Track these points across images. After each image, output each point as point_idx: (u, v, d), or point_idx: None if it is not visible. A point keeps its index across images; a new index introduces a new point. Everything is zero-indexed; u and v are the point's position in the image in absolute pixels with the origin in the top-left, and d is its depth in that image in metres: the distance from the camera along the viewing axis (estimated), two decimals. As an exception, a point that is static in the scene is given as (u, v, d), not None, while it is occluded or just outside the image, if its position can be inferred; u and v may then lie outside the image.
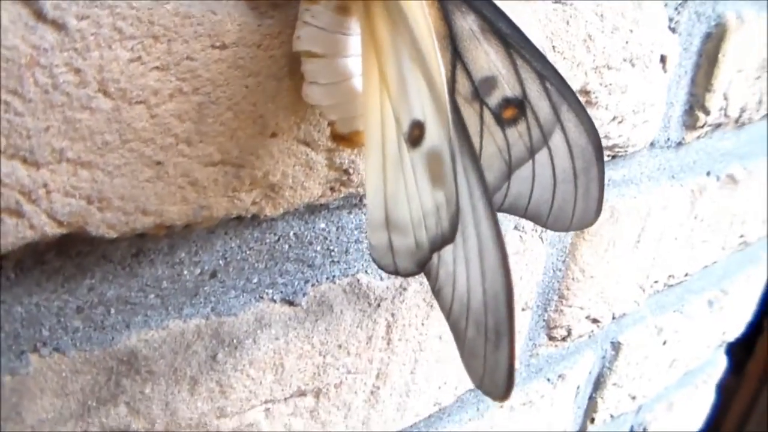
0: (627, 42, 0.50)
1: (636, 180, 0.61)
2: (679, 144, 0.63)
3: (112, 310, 0.33)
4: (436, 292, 0.32)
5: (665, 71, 0.55)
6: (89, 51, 0.26)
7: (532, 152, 0.36)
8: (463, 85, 0.33)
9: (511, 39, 0.32)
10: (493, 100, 0.34)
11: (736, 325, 0.92)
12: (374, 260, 0.32)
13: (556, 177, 0.36)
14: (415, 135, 0.28)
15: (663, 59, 0.54)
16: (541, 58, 0.33)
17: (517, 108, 0.34)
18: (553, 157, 0.36)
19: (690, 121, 0.62)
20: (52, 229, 0.28)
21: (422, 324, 0.47)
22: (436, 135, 0.27)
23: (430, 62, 0.27)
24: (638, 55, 0.51)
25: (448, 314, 0.31)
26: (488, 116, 0.35)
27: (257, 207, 0.35)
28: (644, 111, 0.55)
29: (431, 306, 0.47)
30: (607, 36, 0.48)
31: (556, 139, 0.35)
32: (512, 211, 0.37)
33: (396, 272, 0.32)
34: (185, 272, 0.35)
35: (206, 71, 0.29)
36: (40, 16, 0.25)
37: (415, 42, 0.27)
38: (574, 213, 0.37)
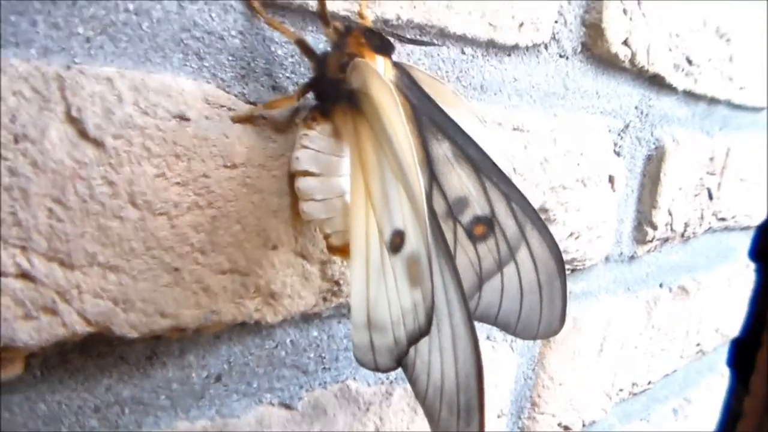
0: (578, 164, 0.55)
1: (594, 292, 0.65)
2: (632, 258, 0.68)
3: (127, 410, 0.35)
4: (413, 381, 0.34)
5: (614, 190, 0.61)
6: (122, 166, 0.30)
7: (500, 265, 0.39)
8: (438, 204, 0.37)
9: (480, 164, 0.36)
10: (465, 218, 0.38)
11: (700, 434, 0.94)
12: (356, 358, 0.34)
13: (522, 288, 0.39)
14: (396, 242, 0.31)
15: (611, 179, 0.60)
16: (507, 180, 0.37)
17: (486, 226, 0.38)
18: (519, 271, 0.39)
19: (640, 236, 0.67)
20: (81, 328, 0.30)
21: (407, 428, 0.49)
22: (414, 241, 0.31)
23: (411, 176, 0.30)
24: (589, 175, 0.56)
25: (423, 399, 0.34)
26: (461, 232, 0.38)
27: (260, 314, 0.37)
28: (598, 227, 0.60)
29: (415, 411, 0.49)
30: (560, 158, 0.53)
31: (522, 254, 0.38)
32: (483, 319, 0.40)
33: (376, 368, 0.34)
34: (193, 375, 0.37)
35: (219, 187, 0.33)
36: (83, 134, 0.28)
37: (397, 160, 0.31)
38: (540, 322, 0.40)
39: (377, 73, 0.32)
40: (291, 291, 0.38)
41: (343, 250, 0.36)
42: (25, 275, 0.28)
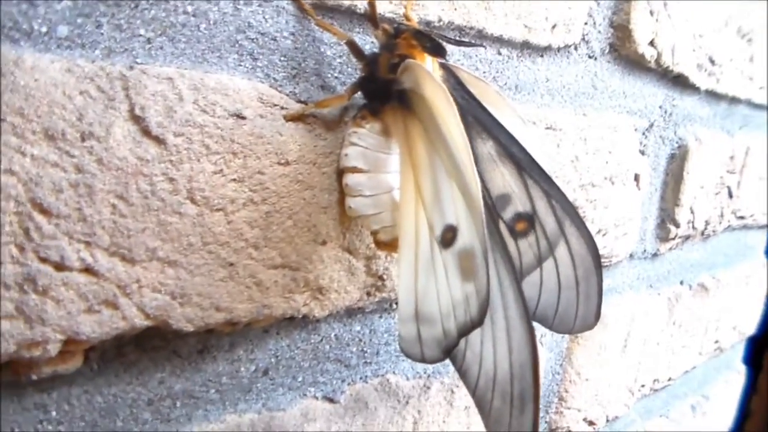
0: (607, 162, 0.55)
1: (619, 289, 0.65)
2: (655, 255, 0.68)
3: (178, 404, 0.35)
4: (463, 373, 0.34)
5: (639, 189, 0.61)
6: (182, 163, 0.30)
7: (540, 261, 0.39)
8: None
9: (522, 162, 0.37)
10: (508, 214, 0.38)
11: (720, 429, 0.94)
12: (402, 350, 0.34)
13: (560, 283, 0.40)
14: (448, 237, 0.32)
15: (637, 177, 0.60)
16: (548, 178, 0.37)
17: (527, 222, 0.38)
18: (558, 266, 0.39)
19: (663, 234, 0.67)
20: (140, 321, 0.31)
21: (443, 422, 0.49)
22: (468, 236, 0.31)
23: (467, 174, 0.30)
24: (616, 173, 0.56)
25: (473, 390, 0.34)
26: (503, 228, 0.38)
27: (308, 308, 0.37)
28: (624, 225, 0.60)
29: (451, 404, 0.49)
30: (590, 157, 0.53)
31: (561, 250, 0.38)
32: None
33: (422, 360, 0.34)
34: (242, 369, 0.37)
35: (273, 184, 0.33)
36: (146, 132, 0.29)
37: (452, 158, 0.31)
38: (577, 316, 0.40)
39: (431, 75, 0.32)
40: (338, 286, 0.38)
41: (392, 245, 0.36)
42: (88, 270, 0.29)
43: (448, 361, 0.47)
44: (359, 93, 0.36)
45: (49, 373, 0.30)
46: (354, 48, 0.34)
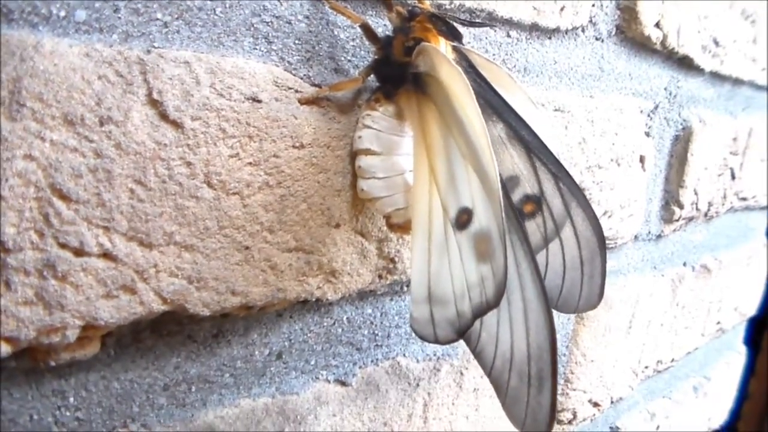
0: (613, 144, 0.55)
1: (624, 270, 0.65)
2: (659, 237, 0.68)
3: (193, 388, 0.35)
4: (478, 353, 0.34)
5: (644, 170, 0.61)
6: (199, 147, 0.30)
7: (546, 242, 0.39)
8: None
9: (531, 145, 0.37)
10: (516, 196, 0.38)
11: (720, 412, 0.95)
12: (415, 331, 0.34)
13: (565, 264, 0.40)
14: (463, 220, 0.32)
15: (642, 159, 0.60)
16: (556, 161, 0.37)
17: (535, 204, 0.38)
18: (563, 247, 0.39)
19: (667, 215, 0.67)
20: (157, 306, 0.31)
21: (452, 404, 0.49)
22: (484, 218, 0.31)
23: (485, 156, 0.30)
24: (622, 155, 0.56)
25: (489, 370, 0.34)
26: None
27: (321, 291, 0.37)
28: (629, 206, 0.60)
29: (460, 387, 0.49)
30: (597, 139, 0.53)
31: (567, 232, 0.39)
32: None
33: (436, 341, 0.34)
34: (256, 353, 0.37)
35: (288, 167, 0.33)
36: (164, 116, 0.29)
37: (468, 141, 0.31)
38: (581, 296, 0.40)
39: (446, 58, 0.32)
40: (350, 269, 0.39)
41: (404, 228, 0.36)
42: (107, 255, 0.29)
43: (456, 344, 0.47)
44: (373, 76, 0.35)
45: (67, 359, 0.30)
46: (368, 31, 0.34)
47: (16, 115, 0.25)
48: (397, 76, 0.34)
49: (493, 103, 0.36)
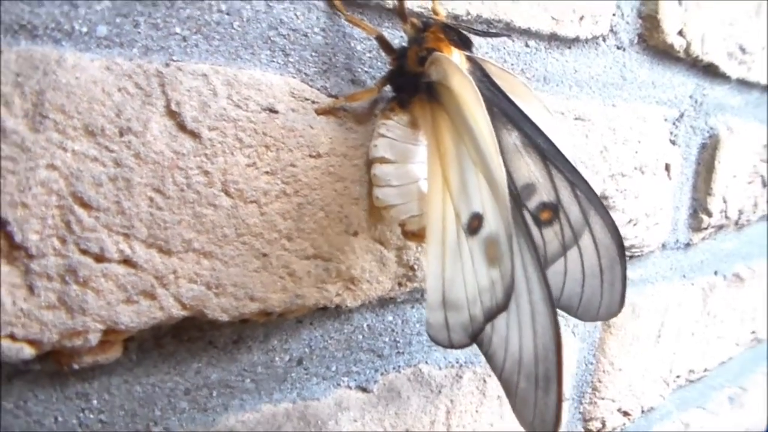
0: (636, 152, 0.55)
1: (652, 279, 0.64)
2: (688, 245, 0.67)
3: (215, 393, 0.36)
4: (489, 356, 0.35)
5: (670, 178, 0.60)
6: (216, 156, 0.31)
7: (564, 249, 0.39)
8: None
9: (547, 152, 0.37)
10: (532, 203, 0.38)
11: (758, 422, 0.93)
12: (430, 336, 0.35)
13: (585, 272, 0.40)
14: (474, 225, 0.32)
15: (667, 167, 0.60)
16: (573, 168, 0.37)
17: (552, 211, 0.38)
18: (582, 255, 0.39)
19: (695, 224, 0.66)
20: (177, 311, 0.31)
21: (476, 411, 0.49)
22: (494, 223, 0.31)
23: (492, 163, 0.31)
24: (646, 163, 0.56)
25: (500, 372, 0.34)
26: (528, 218, 0.39)
27: (340, 298, 0.38)
28: (655, 214, 0.60)
29: (483, 394, 0.49)
30: (619, 147, 0.53)
31: (585, 239, 0.39)
32: None
33: (450, 345, 0.34)
34: (277, 359, 0.38)
35: (305, 176, 0.34)
36: (182, 127, 0.29)
37: (478, 148, 0.31)
38: (601, 304, 0.40)
39: (458, 67, 0.32)
40: (369, 276, 0.39)
41: (419, 235, 0.37)
42: (127, 261, 0.29)
43: (479, 351, 0.47)
44: (388, 86, 0.36)
45: (90, 362, 0.31)
46: (383, 42, 0.35)
47: (39, 127, 0.26)
48: (412, 85, 0.35)
49: (508, 112, 0.36)
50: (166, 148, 0.29)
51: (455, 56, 0.34)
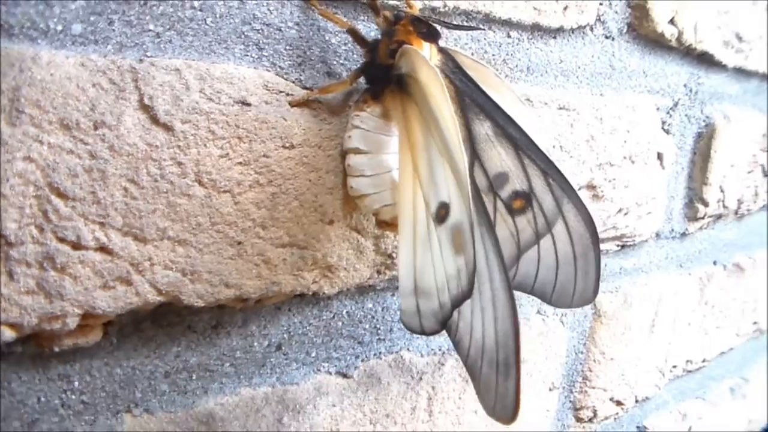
0: (625, 141, 0.56)
1: (646, 268, 0.66)
2: (684, 235, 0.69)
3: (194, 376, 0.38)
4: (456, 343, 0.37)
5: (663, 167, 0.62)
6: (189, 148, 0.33)
7: (537, 237, 0.41)
8: (479, 180, 0.39)
9: (519, 141, 0.39)
10: (505, 192, 0.40)
11: (760, 413, 0.94)
12: (403, 323, 0.37)
13: (558, 259, 0.41)
14: (442, 214, 0.34)
15: (660, 156, 0.61)
16: (545, 157, 0.39)
17: (524, 200, 0.40)
18: (555, 243, 0.41)
19: (691, 213, 0.68)
20: (153, 297, 0.34)
21: (459, 398, 0.51)
22: (458, 211, 0.33)
23: (456, 153, 0.33)
24: (636, 153, 0.58)
25: (465, 359, 0.36)
26: (501, 206, 0.40)
27: (317, 285, 0.40)
28: (647, 203, 0.61)
29: (466, 381, 0.51)
30: (607, 136, 0.54)
31: (559, 227, 0.40)
32: (520, 287, 0.42)
33: (422, 332, 0.36)
34: (255, 344, 0.40)
35: (278, 167, 0.36)
36: (155, 120, 0.32)
37: (443, 138, 0.33)
38: (575, 291, 0.42)
39: (425, 59, 0.34)
40: (346, 264, 0.41)
41: (392, 224, 0.39)
42: (103, 248, 0.32)
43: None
44: (363, 78, 0.38)
45: (70, 345, 0.33)
46: (355, 35, 0.37)
47: (16, 121, 0.28)
48: (383, 77, 0.36)
49: (479, 102, 0.38)
50: (140, 140, 0.31)
51: (425, 48, 0.36)
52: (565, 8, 0.49)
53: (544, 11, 0.47)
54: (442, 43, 0.38)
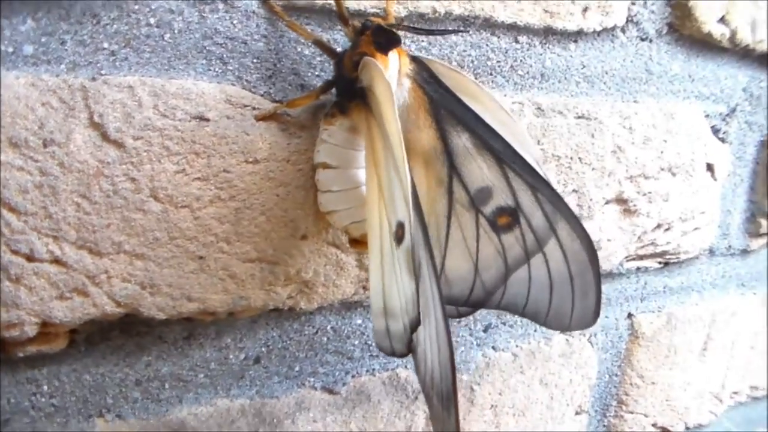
0: (662, 152, 0.55)
1: (697, 287, 0.64)
2: (745, 252, 0.67)
3: (167, 385, 0.41)
4: (416, 369, 0.37)
5: (715, 179, 0.60)
6: (143, 164, 0.35)
7: (527, 256, 0.41)
8: (460, 195, 0.40)
9: (502, 154, 0.39)
10: (488, 208, 0.40)
11: None
12: (376, 344, 0.37)
13: (552, 279, 0.41)
14: (399, 234, 0.34)
15: (710, 167, 0.59)
16: (532, 171, 0.39)
17: (510, 216, 0.40)
18: (548, 261, 0.41)
19: (752, 229, 0.66)
20: (111, 308, 0.36)
21: (464, 419, 0.52)
22: (408, 233, 0.33)
23: (400, 169, 0.33)
24: (678, 164, 0.56)
25: (423, 386, 0.36)
26: (484, 222, 0.40)
27: (293, 301, 0.42)
28: (694, 218, 0.60)
29: (471, 402, 0.52)
30: (639, 146, 0.53)
31: (551, 245, 0.40)
32: (510, 308, 0.42)
33: (392, 353, 0.36)
34: (231, 356, 0.42)
35: (241, 182, 0.38)
36: (105, 137, 0.34)
37: (393, 155, 0.34)
38: (573, 313, 0.42)
39: (381, 71, 0.35)
40: (325, 279, 0.43)
41: (362, 242, 0.40)
42: (57, 261, 0.35)
43: (469, 359, 0.50)
44: (334, 90, 0.39)
45: (34, 351, 0.36)
46: (323, 46, 0.38)
47: (-36, 139, 0.32)
48: (350, 90, 0.38)
49: (456, 113, 0.38)
50: (91, 157, 0.34)
51: (393, 59, 0.37)
52: (585, 9, 0.48)
53: (558, 14, 0.47)
54: (438, 51, 0.38)
